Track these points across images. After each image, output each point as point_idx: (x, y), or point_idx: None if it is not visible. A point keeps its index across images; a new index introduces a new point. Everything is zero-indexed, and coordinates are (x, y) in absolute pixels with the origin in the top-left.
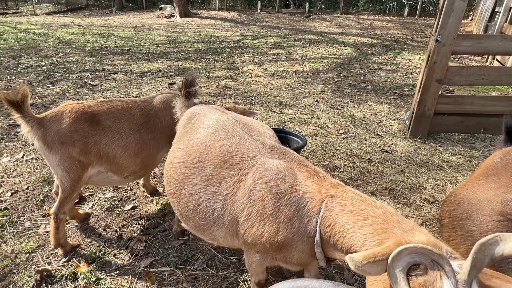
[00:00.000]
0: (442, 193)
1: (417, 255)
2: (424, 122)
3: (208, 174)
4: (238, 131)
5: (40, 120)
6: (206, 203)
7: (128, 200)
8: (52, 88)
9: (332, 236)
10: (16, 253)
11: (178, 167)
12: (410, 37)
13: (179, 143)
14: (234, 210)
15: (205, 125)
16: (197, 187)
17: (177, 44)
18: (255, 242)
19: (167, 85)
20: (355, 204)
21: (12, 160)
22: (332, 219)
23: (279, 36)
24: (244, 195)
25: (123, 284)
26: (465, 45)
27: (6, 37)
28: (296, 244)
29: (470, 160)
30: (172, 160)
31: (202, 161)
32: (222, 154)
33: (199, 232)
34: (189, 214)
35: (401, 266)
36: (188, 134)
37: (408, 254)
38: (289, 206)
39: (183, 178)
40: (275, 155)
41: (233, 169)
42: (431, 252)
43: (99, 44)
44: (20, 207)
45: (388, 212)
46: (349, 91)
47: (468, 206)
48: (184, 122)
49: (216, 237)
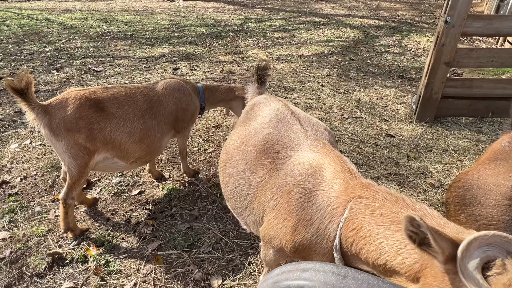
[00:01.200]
0: (447, 178)
1: (490, 248)
2: (431, 106)
3: (249, 159)
4: (289, 122)
5: (45, 108)
6: (241, 187)
7: (135, 185)
8: (57, 74)
9: (356, 243)
10: (28, 237)
11: (228, 148)
12: (418, 18)
13: (238, 128)
14: (263, 199)
15: (263, 114)
16: (237, 169)
17: (180, 28)
18: (273, 236)
19: (171, 71)
20: (387, 206)
21: (20, 146)
22: (358, 223)
23: (284, 19)
24: (274, 185)
25: (131, 266)
26: (475, 26)
27: (9, 23)
28: (314, 247)
29: (477, 144)
30: (227, 141)
31: (247, 146)
32: (265, 141)
33: (236, 214)
34: (228, 195)
35: (475, 264)
36: (248, 120)
37: (479, 247)
38: (312, 204)
39: (229, 159)
40: (314, 149)
41: (271, 157)
42: (507, 240)
43: (102, 29)
44: (29, 192)
45: (429, 214)
46: (355, 75)
47: (475, 191)
48: (248, 108)
49: (248, 223)
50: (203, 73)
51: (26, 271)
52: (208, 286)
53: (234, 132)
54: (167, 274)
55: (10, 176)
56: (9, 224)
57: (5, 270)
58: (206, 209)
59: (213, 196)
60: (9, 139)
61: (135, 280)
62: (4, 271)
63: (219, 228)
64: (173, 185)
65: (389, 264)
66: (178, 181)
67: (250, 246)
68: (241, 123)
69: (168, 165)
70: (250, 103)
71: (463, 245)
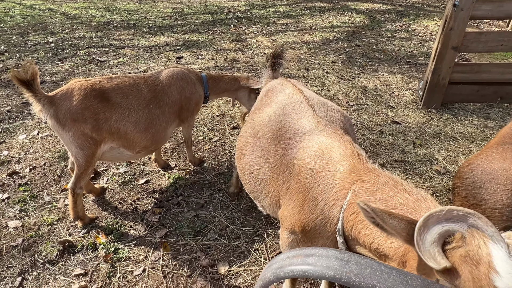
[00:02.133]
0: (454, 164)
1: (448, 222)
2: (438, 92)
3: (263, 145)
4: (302, 109)
5: (51, 99)
6: (257, 172)
7: (141, 174)
8: (61, 65)
9: (355, 227)
10: (39, 226)
11: (244, 135)
12: (426, 1)
13: (253, 115)
14: (277, 182)
15: (277, 100)
16: (253, 155)
17: (183, 16)
18: (286, 216)
19: (175, 60)
20: (385, 191)
21: (28, 137)
22: (354, 221)
23: (288, 5)
24: (286, 169)
25: (140, 253)
26: (485, 9)
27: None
28: (319, 229)
29: (484, 130)
30: (243, 128)
31: (262, 134)
32: (278, 129)
33: (252, 197)
34: (244, 180)
35: (432, 238)
36: (262, 107)
37: (437, 223)
38: (318, 185)
39: (245, 146)
40: (324, 133)
41: (283, 143)
42: (465, 215)
43: (105, 19)
44: (39, 182)
45: (422, 198)
46: (361, 61)
47: (482, 175)
48: (262, 94)
49: (264, 205)
50: (207, 61)
51: (38, 258)
52: (215, 272)
53: (249, 119)
54: (174, 260)
55: (20, 166)
56: (20, 213)
57: (18, 258)
58: (212, 197)
59: (218, 184)
60: (17, 130)
61: (144, 266)
62: (18, 258)
63: (225, 216)
64: (179, 174)
65: (381, 248)
66: (184, 170)
67: (255, 233)
68: (256, 110)
69: (174, 154)
70: (265, 89)
71: (419, 222)
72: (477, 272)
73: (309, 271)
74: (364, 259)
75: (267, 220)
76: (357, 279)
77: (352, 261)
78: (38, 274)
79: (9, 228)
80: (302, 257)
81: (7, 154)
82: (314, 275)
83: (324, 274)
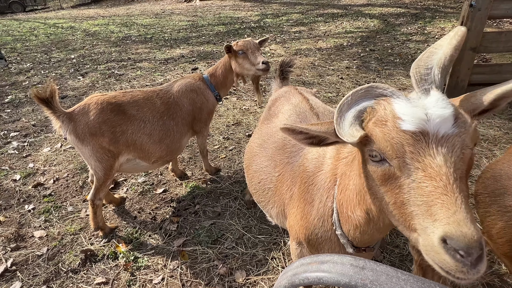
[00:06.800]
0: (476, 168)
1: (358, 104)
2: (456, 94)
3: (269, 155)
4: (307, 117)
5: (69, 115)
6: (264, 182)
7: (159, 184)
8: (83, 80)
9: (344, 204)
10: (62, 235)
11: (252, 146)
12: (442, 3)
13: (261, 125)
14: (281, 191)
15: (283, 110)
16: (260, 165)
17: (198, 28)
18: (292, 225)
19: (190, 71)
20: None
21: (52, 150)
22: (343, 184)
23: (301, 13)
24: (289, 177)
25: (159, 262)
26: (504, 8)
27: (37, 33)
28: (318, 232)
29: (508, 132)
30: (251, 139)
31: (268, 144)
32: (283, 138)
33: (261, 207)
34: (253, 190)
35: (349, 123)
36: (270, 117)
37: (349, 108)
38: (314, 185)
39: (253, 156)
40: None
41: (287, 152)
42: (366, 90)
43: (123, 34)
44: (62, 193)
45: None
46: (376, 66)
47: (505, 181)
48: (270, 103)
49: (272, 215)
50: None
51: (62, 267)
52: (232, 281)
53: (257, 130)
54: (192, 269)
55: (44, 178)
56: (45, 223)
57: (43, 266)
58: (228, 206)
59: (235, 193)
60: (41, 143)
61: (163, 275)
62: (42, 267)
63: (241, 224)
64: (196, 183)
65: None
66: (200, 179)
67: (272, 241)
68: (264, 120)
69: (190, 163)
70: (272, 98)
71: (335, 114)
72: (386, 128)
73: (324, 278)
74: (380, 265)
75: (284, 228)
76: (372, 286)
77: (368, 267)
78: (62, 282)
79: (34, 238)
80: (317, 264)
81: (32, 167)
82: (329, 282)
83: (339, 281)
